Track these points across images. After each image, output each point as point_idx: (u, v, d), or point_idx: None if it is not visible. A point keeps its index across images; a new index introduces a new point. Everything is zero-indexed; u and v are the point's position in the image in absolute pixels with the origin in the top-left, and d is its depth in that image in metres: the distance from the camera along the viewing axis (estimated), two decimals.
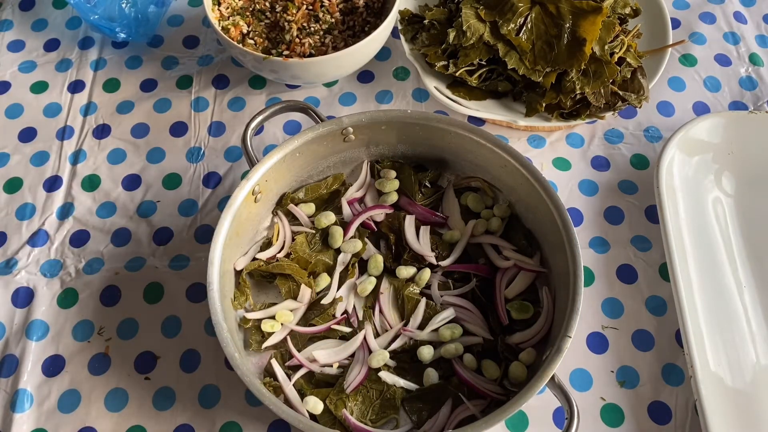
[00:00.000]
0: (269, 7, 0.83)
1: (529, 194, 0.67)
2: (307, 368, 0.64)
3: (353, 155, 0.74)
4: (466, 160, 0.72)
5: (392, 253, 0.71)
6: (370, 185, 0.74)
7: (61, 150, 0.81)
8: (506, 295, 0.67)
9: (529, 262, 0.68)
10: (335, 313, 0.67)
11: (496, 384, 0.63)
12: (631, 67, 0.77)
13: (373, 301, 0.68)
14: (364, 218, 0.71)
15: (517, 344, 0.64)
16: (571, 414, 0.55)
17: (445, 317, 0.66)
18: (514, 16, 0.75)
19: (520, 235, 0.70)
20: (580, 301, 0.59)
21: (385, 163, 0.74)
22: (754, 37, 0.90)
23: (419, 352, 0.64)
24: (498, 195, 0.73)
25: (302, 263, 0.69)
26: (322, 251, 0.70)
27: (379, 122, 0.70)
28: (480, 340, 0.65)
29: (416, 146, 0.73)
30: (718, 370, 0.64)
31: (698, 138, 0.75)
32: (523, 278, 0.68)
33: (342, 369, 0.64)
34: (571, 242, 0.62)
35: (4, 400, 0.65)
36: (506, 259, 0.69)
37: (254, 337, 0.65)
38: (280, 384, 0.63)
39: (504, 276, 0.68)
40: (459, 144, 0.70)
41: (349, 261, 0.69)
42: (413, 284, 0.68)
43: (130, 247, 0.74)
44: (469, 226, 0.71)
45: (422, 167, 0.75)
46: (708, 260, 0.70)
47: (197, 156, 0.80)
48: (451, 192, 0.73)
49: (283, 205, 0.71)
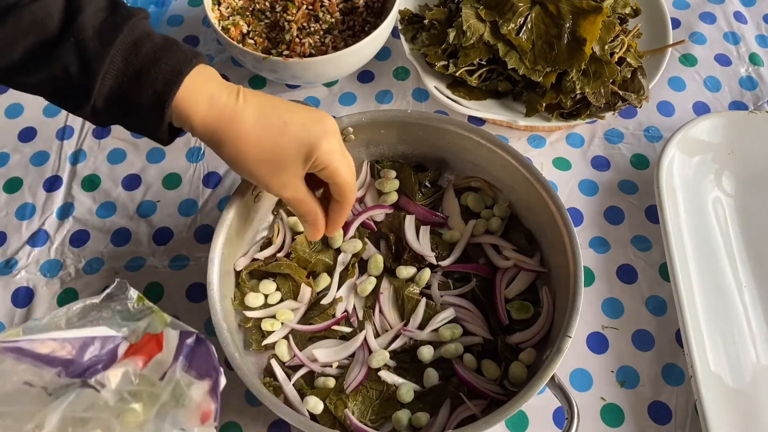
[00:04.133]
0: (269, 7, 0.83)
1: (530, 194, 0.67)
2: (307, 368, 0.64)
3: (353, 155, 0.72)
4: (466, 160, 0.72)
5: (392, 253, 0.71)
6: (370, 185, 0.74)
7: (61, 150, 0.81)
8: (506, 295, 0.67)
9: (529, 262, 0.68)
10: (335, 313, 0.67)
11: (496, 384, 0.63)
12: (631, 67, 0.77)
13: (373, 300, 0.68)
14: (364, 218, 0.71)
15: (517, 344, 0.64)
16: (571, 414, 0.55)
17: (445, 317, 0.66)
18: (514, 16, 0.75)
19: (520, 235, 0.70)
20: (580, 301, 0.59)
21: (385, 163, 0.74)
22: (754, 37, 0.90)
23: (419, 352, 0.64)
24: (498, 195, 0.73)
25: (302, 263, 0.69)
26: (322, 251, 0.70)
27: (379, 122, 0.70)
28: (480, 340, 0.65)
29: (416, 146, 0.73)
30: (718, 370, 0.64)
31: (698, 138, 0.75)
32: (523, 278, 0.68)
33: (341, 369, 0.64)
34: (571, 242, 0.62)
35: None
36: (506, 259, 0.69)
37: (254, 337, 0.65)
38: (280, 384, 0.63)
39: (504, 276, 0.68)
40: (459, 144, 0.70)
41: (349, 261, 0.70)
42: (413, 284, 0.68)
43: (130, 247, 0.74)
44: (469, 226, 0.71)
45: (422, 167, 0.75)
46: (708, 260, 0.70)
47: (197, 156, 0.80)
48: (451, 192, 0.73)
49: (283, 205, 0.71)
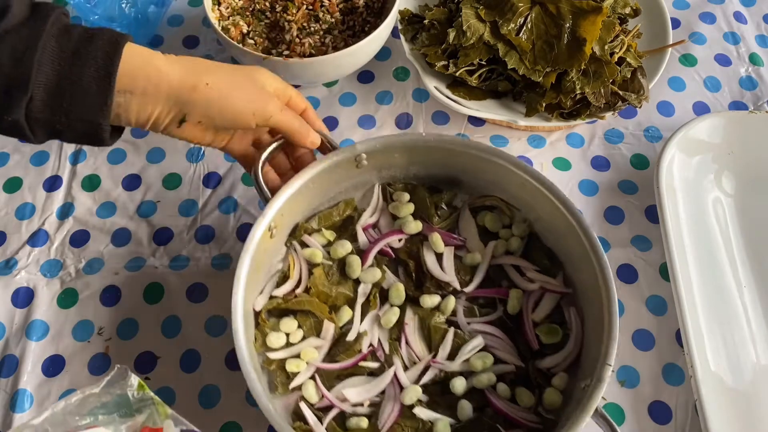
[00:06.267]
0: (269, 7, 0.83)
1: (550, 212, 0.65)
2: (338, 409, 0.60)
3: (364, 179, 0.71)
4: (481, 179, 0.69)
5: (413, 280, 0.67)
6: (383, 209, 0.71)
7: (61, 150, 0.81)
8: (533, 319, 0.64)
9: (554, 283, 0.65)
10: (361, 348, 0.63)
11: (531, 412, 0.60)
12: (631, 67, 0.77)
13: (398, 332, 0.65)
14: (381, 246, 0.68)
15: (548, 369, 0.62)
16: None
17: (475, 346, 0.63)
18: (514, 16, 0.75)
19: (542, 254, 0.67)
20: (617, 327, 0.57)
21: (397, 185, 0.71)
22: (754, 37, 0.90)
23: (452, 385, 0.61)
24: (515, 213, 0.70)
25: (322, 297, 0.65)
26: (340, 283, 0.67)
27: (394, 147, 0.68)
28: (513, 368, 0.62)
29: (429, 167, 0.70)
30: (718, 370, 0.64)
31: (698, 138, 0.75)
32: (548, 300, 0.65)
33: (373, 407, 0.61)
34: (600, 263, 0.60)
35: (4, 400, 0.65)
36: (531, 281, 0.66)
37: (279, 379, 0.61)
38: (311, 428, 0.59)
39: (530, 299, 0.65)
40: (475, 164, 0.68)
41: (370, 291, 0.66)
42: (439, 312, 0.65)
43: (130, 247, 0.74)
44: (489, 248, 0.68)
45: (435, 188, 0.72)
46: (708, 260, 0.70)
47: (197, 156, 0.80)
48: (467, 212, 0.70)
49: (296, 236, 0.68)
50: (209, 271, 0.72)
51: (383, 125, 0.82)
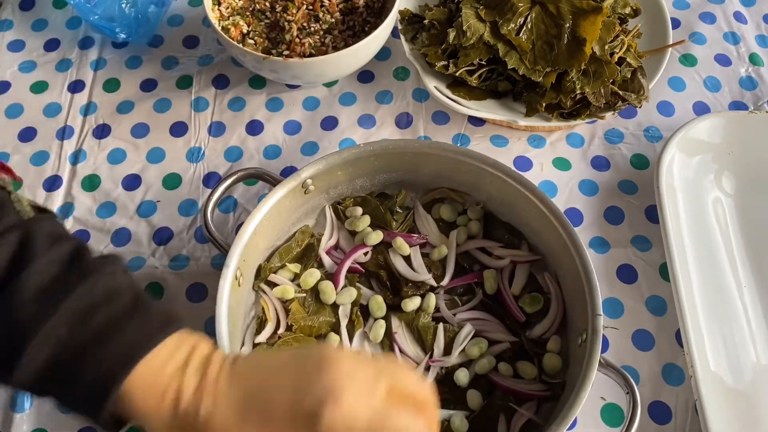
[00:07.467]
0: (269, 7, 0.83)
1: (497, 188, 0.67)
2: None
3: (314, 204, 0.71)
4: (424, 174, 0.71)
5: (389, 289, 0.68)
6: (340, 228, 0.72)
7: (61, 150, 0.81)
8: (513, 293, 0.67)
9: (521, 254, 0.68)
10: None
11: (537, 382, 0.62)
12: (631, 67, 0.77)
13: (389, 343, 0.66)
14: (349, 264, 0.68)
15: (540, 336, 0.64)
16: (630, 388, 0.56)
17: (466, 335, 0.64)
18: (514, 16, 0.75)
19: (502, 230, 0.70)
20: (594, 277, 0.59)
21: (347, 202, 0.72)
22: (754, 37, 0.90)
23: (456, 377, 0.62)
24: (466, 198, 0.72)
25: (306, 330, 0.65)
26: (319, 311, 0.66)
27: (335, 165, 0.68)
28: (507, 345, 0.64)
29: (373, 176, 0.71)
30: (718, 370, 0.64)
31: (698, 138, 0.75)
32: (521, 271, 0.68)
33: None
34: (556, 217, 0.62)
35: (4, 400, 0.65)
36: (499, 258, 0.69)
37: None
38: None
39: (504, 275, 0.68)
40: (414, 162, 0.69)
41: (351, 311, 0.67)
42: (423, 313, 0.66)
43: (130, 247, 0.74)
44: (452, 237, 0.70)
45: (384, 194, 0.73)
46: (708, 260, 0.70)
47: (197, 156, 0.80)
48: (421, 210, 0.72)
49: (262, 278, 0.67)
50: (209, 271, 0.72)
51: (383, 125, 0.82)
